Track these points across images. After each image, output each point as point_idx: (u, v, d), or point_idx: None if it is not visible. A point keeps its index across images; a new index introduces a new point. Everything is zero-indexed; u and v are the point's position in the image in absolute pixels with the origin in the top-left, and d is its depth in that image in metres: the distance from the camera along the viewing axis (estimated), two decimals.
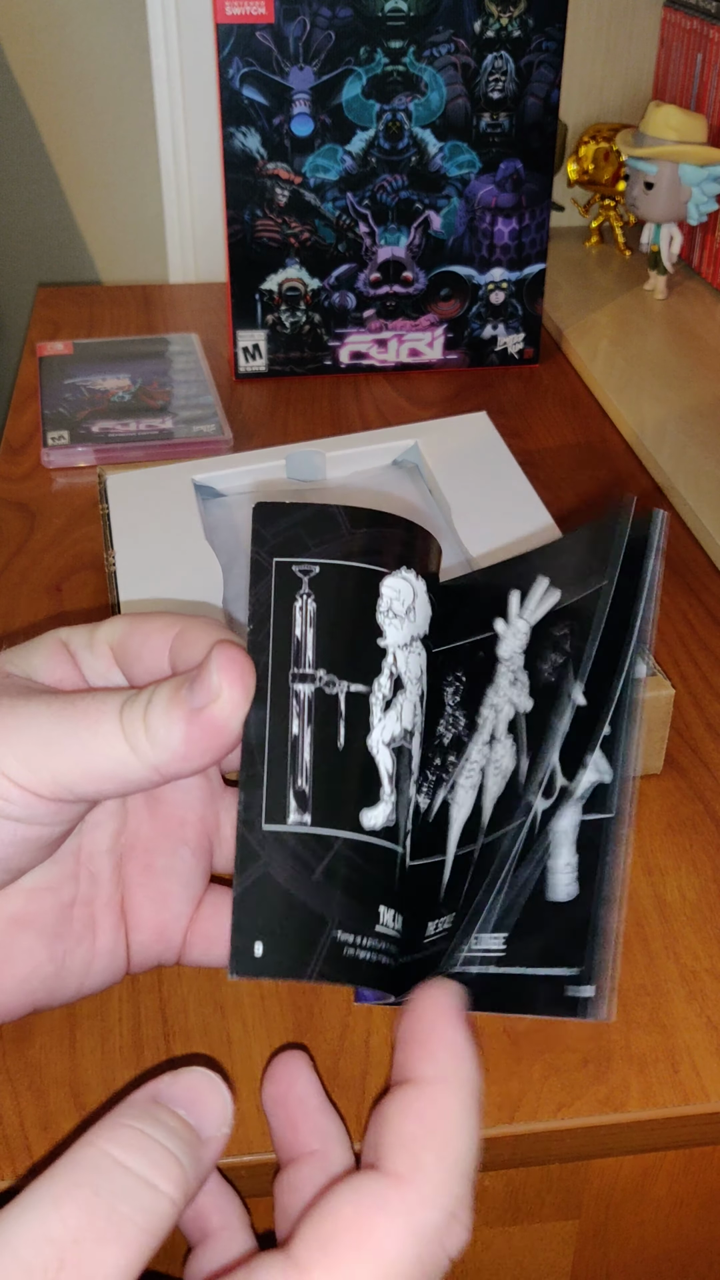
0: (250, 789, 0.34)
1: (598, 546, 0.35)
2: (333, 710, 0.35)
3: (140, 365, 0.89)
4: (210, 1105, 0.29)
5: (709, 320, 0.98)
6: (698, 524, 0.70)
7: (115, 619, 0.36)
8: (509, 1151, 0.40)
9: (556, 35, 0.80)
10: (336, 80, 0.79)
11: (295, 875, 0.33)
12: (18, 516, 0.72)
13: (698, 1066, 0.41)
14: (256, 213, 0.83)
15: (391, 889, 0.35)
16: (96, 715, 0.32)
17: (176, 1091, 0.29)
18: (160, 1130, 0.28)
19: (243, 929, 0.32)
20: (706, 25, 0.99)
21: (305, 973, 0.32)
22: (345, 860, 0.34)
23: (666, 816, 0.51)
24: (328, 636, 0.35)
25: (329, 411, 0.85)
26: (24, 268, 1.41)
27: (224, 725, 0.32)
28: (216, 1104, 0.29)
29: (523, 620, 0.37)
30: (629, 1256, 0.46)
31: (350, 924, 0.33)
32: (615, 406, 0.84)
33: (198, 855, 0.38)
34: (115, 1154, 0.27)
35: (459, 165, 0.83)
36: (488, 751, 0.36)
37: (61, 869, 0.36)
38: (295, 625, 0.35)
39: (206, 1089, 0.30)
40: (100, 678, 0.36)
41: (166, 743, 0.31)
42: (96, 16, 1.23)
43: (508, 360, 0.91)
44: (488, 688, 0.37)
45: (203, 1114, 0.29)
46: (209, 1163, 0.29)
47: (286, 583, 0.36)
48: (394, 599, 0.36)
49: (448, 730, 0.37)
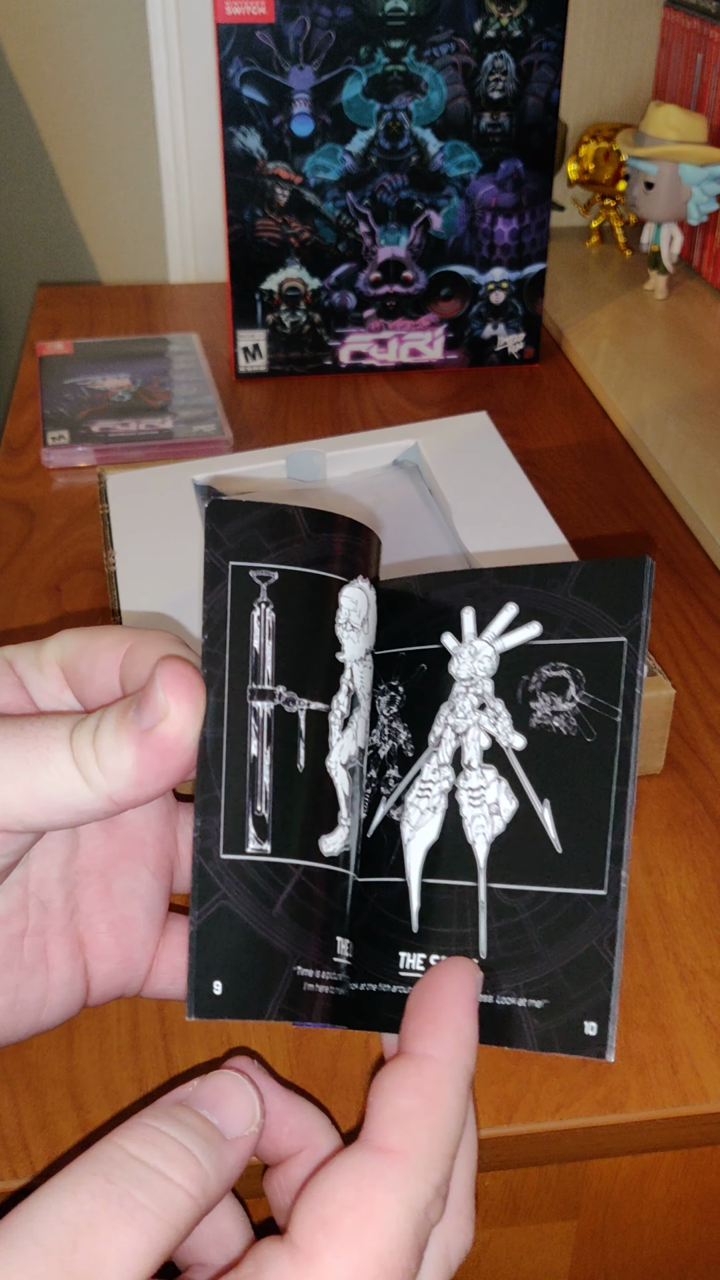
0: (207, 814, 0.32)
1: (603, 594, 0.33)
2: (293, 730, 0.33)
3: (140, 365, 0.89)
4: (236, 1105, 0.29)
5: (709, 320, 0.98)
6: (698, 524, 0.70)
7: (63, 635, 0.34)
8: (508, 1152, 0.40)
9: (557, 35, 0.80)
10: (337, 80, 0.79)
11: (255, 909, 0.32)
12: (18, 516, 0.72)
13: (697, 1067, 0.41)
14: (257, 212, 0.83)
15: (344, 915, 0.34)
16: (47, 741, 0.30)
17: (203, 1093, 0.30)
18: (177, 1128, 0.28)
19: (202, 966, 0.31)
20: (706, 25, 0.99)
21: (266, 1012, 0.31)
22: (304, 891, 0.33)
23: (666, 816, 0.51)
24: (287, 650, 0.33)
25: (329, 411, 0.85)
26: (24, 268, 1.41)
27: (175, 744, 0.30)
28: (243, 1104, 0.30)
29: (485, 643, 0.35)
30: (628, 1257, 0.46)
31: (310, 959, 0.32)
32: (615, 406, 0.84)
33: (158, 876, 0.37)
34: (130, 1149, 0.27)
35: (459, 165, 0.83)
36: (452, 777, 0.34)
37: (8, 899, 0.34)
38: (254, 636, 0.33)
39: (232, 1089, 0.30)
40: (51, 699, 0.34)
41: (118, 769, 0.30)
42: (96, 16, 1.22)
43: (508, 360, 0.91)
44: (441, 705, 0.35)
45: (227, 1114, 0.29)
46: (235, 1162, 0.29)
47: (244, 589, 0.33)
48: (352, 610, 0.35)
49: (384, 741, 0.35)
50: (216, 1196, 0.28)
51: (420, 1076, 0.29)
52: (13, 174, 1.36)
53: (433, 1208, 0.28)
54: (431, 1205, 0.28)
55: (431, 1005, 0.30)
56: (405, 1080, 0.29)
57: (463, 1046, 0.30)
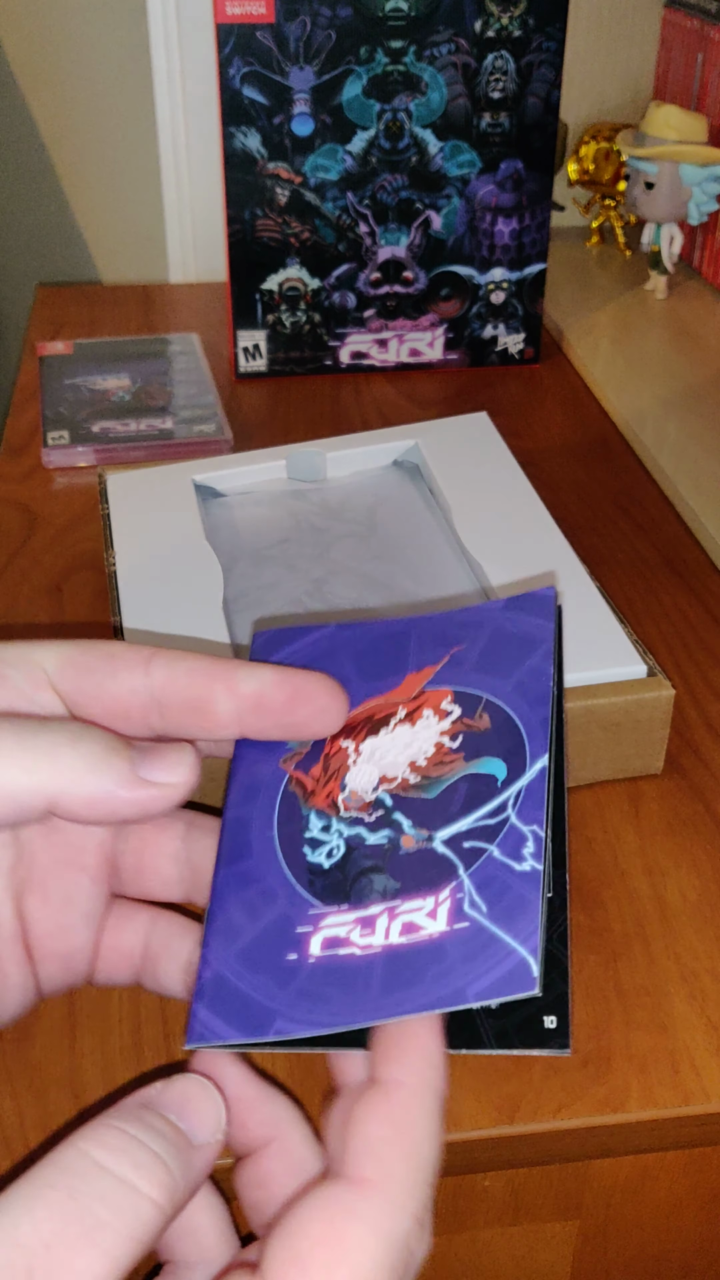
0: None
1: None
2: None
3: (140, 365, 0.89)
4: (203, 1111, 0.28)
5: (709, 320, 0.98)
6: (698, 524, 0.70)
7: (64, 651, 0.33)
8: (509, 1152, 0.40)
9: (557, 35, 0.80)
10: (337, 80, 0.79)
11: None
12: (18, 516, 0.72)
13: (698, 1067, 0.41)
14: (257, 212, 0.83)
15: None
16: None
17: (168, 1097, 0.28)
18: (147, 1133, 0.27)
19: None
20: (706, 25, 0.99)
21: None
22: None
23: (666, 816, 0.51)
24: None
25: (329, 411, 0.85)
26: (24, 268, 1.41)
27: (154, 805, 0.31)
28: (209, 1110, 0.29)
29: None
30: (629, 1257, 0.46)
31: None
32: (615, 406, 0.84)
33: (97, 882, 0.35)
34: (96, 1155, 0.26)
35: (459, 165, 0.83)
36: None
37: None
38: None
39: (199, 1094, 0.29)
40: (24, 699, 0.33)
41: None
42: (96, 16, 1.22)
43: (508, 360, 0.91)
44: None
45: (194, 1119, 0.28)
46: (201, 1169, 0.28)
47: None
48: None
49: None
50: (182, 1205, 0.27)
51: (390, 1104, 0.28)
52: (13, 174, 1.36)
53: (414, 1238, 0.27)
54: (414, 1237, 0.27)
55: (396, 1030, 0.29)
56: (376, 1109, 0.28)
57: (432, 1068, 0.29)
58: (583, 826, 0.50)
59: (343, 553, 0.61)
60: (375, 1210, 0.26)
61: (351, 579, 0.59)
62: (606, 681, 0.51)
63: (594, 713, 0.50)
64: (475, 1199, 0.43)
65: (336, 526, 0.63)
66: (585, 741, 0.51)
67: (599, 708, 0.50)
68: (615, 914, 0.46)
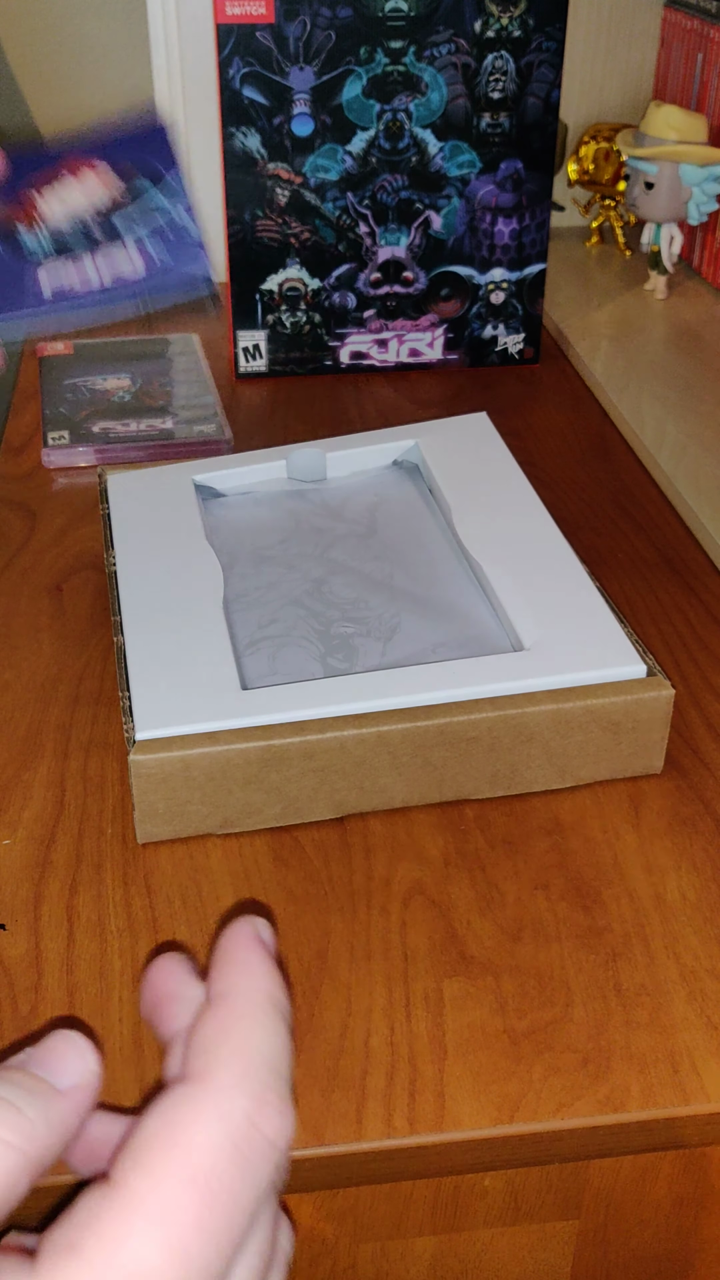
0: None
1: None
2: None
3: (140, 365, 0.89)
4: (65, 1058, 0.30)
5: (709, 320, 0.98)
6: (698, 524, 0.70)
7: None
8: (509, 1152, 0.40)
9: (557, 35, 0.80)
10: (337, 80, 0.79)
11: None
12: (18, 516, 0.72)
13: (698, 1067, 0.41)
14: (256, 213, 0.83)
15: None
16: None
17: (33, 1055, 0.30)
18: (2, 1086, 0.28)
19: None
20: (706, 25, 0.99)
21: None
22: None
23: (666, 816, 0.51)
24: None
25: (329, 411, 0.85)
26: None
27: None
28: (73, 1055, 0.30)
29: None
30: (629, 1256, 0.46)
31: None
32: (615, 406, 0.84)
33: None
34: None
35: (459, 165, 0.83)
36: None
37: None
38: None
39: (61, 1044, 0.30)
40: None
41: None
42: (96, 16, 1.23)
43: (508, 360, 0.91)
44: None
45: (57, 1067, 0.29)
46: (69, 1109, 0.29)
47: None
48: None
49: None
50: (50, 1146, 0.28)
51: (215, 1011, 0.29)
52: None
53: (260, 1117, 0.27)
54: (256, 1114, 0.27)
55: (218, 956, 0.31)
56: (205, 1019, 0.29)
57: (252, 976, 0.30)
58: (583, 826, 0.50)
59: (343, 553, 0.61)
60: (204, 1094, 0.27)
61: (351, 579, 0.59)
62: (606, 681, 0.51)
63: (594, 713, 0.50)
64: (475, 1199, 0.43)
65: (336, 526, 0.63)
66: (585, 741, 0.51)
67: (599, 708, 0.50)
68: (615, 914, 0.46)
